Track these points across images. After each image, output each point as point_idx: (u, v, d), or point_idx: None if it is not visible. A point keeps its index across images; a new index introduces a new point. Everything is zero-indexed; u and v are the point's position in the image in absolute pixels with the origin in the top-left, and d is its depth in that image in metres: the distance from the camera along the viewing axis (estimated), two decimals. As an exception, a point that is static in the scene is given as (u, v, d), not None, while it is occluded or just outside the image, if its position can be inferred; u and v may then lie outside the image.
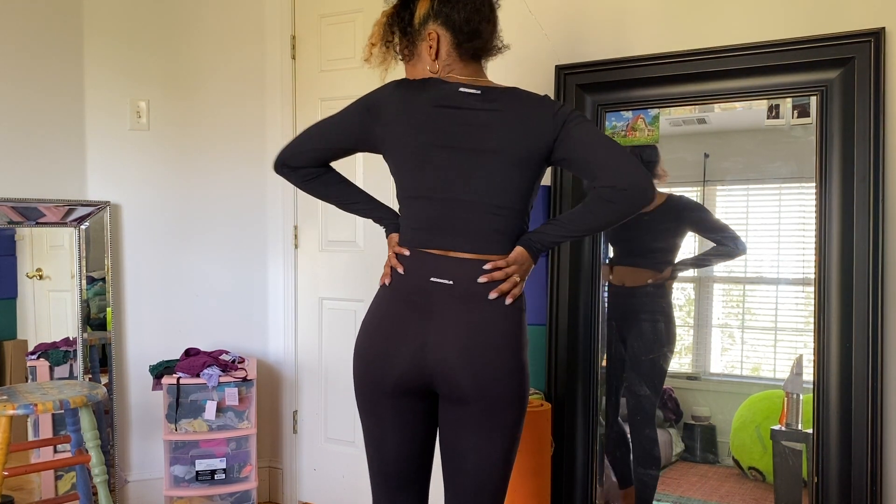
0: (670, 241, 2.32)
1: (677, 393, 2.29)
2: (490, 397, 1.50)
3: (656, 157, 2.32)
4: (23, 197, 2.78)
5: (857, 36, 2.00)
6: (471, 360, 1.49)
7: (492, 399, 1.50)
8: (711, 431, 2.25)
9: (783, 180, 2.15)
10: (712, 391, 2.25)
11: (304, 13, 3.04)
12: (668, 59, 2.24)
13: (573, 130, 1.54)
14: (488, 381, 1.50)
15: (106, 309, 2.92)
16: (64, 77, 2.88)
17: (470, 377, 1.49)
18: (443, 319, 1.51)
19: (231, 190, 3.10)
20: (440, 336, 1.51)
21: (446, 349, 1.50)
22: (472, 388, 1.50)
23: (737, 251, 2.20)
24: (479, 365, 1.49)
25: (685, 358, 2.31)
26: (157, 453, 2.94)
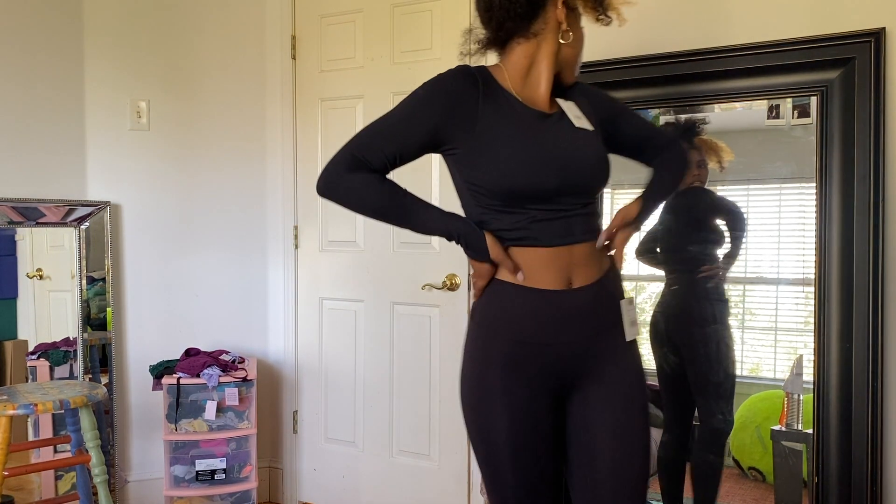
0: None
1: (677, 393, 2.29)
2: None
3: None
4: (23, 197, 2.78)
5: (857, 36, 2.00)
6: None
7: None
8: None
9: (783, 180, 2.15)
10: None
11: (304, 13, 3.04)
12: (668, 59, 2.24)
13: None
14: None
15: (106, 309, 2.92)
16: (64, 77, 2.88)
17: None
18: None
19: (231, 190, 3.10)
20: None
21: None
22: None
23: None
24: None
25: (685, 358, 2.31)
26: (158, 453, 2.94)
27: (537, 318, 1.42)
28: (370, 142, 1.45)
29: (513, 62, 1.49)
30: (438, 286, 2.75)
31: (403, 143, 1.44)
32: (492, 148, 1.40)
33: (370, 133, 1.46)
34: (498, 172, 1.39)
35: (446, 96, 1.43)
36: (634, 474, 1.45)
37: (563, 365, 1.45)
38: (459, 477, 2.75)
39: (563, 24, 1.47)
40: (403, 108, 1.46)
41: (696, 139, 2.22)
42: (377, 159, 1.44)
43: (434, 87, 1.44)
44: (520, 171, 1.39)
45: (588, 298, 1.45)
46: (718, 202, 2.23)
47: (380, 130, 1.46)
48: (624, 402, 1.46)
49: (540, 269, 1.42)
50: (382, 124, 1.46)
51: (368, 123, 1.48)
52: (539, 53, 1.48)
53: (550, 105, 1.50)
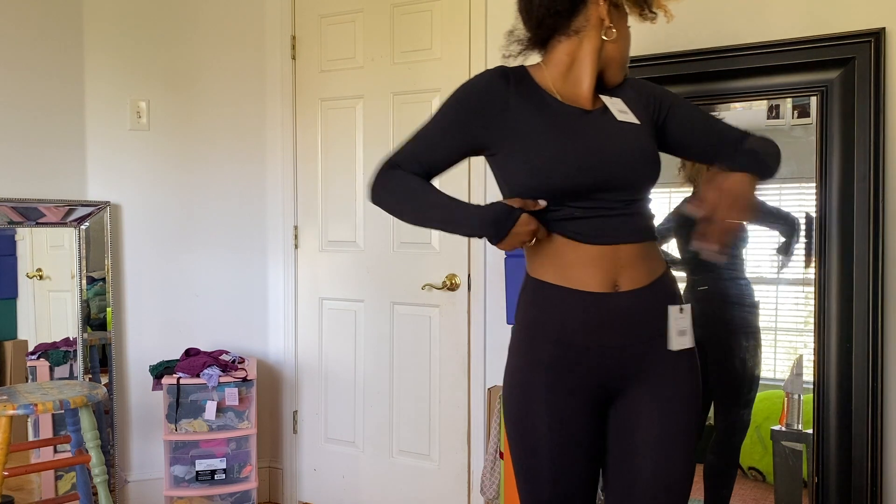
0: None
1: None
2: None
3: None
4: (23, 197, 2.78)
5: (857, 36, 2.00)
6: None
7: None
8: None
9: (783, 180, 2.15)
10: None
11: (304, 13, 3.04)
12: (668, 59, 2.24)
13: None
14: None
15: (106, 309, 2.92)
16: (64, 77, 2.88)
17: None
18: None
19: (231, 190, 3.10)
20: None
21: None
22: None
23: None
24: None
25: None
26: (158, 453, 2.94)
27: (579, 320, 1.38)
28: (411, 151, 1.47)
29: (554, 60, 1.46)
30: (438, 286, 2.75)
31: (441, 151, 1.45)
32: (525, 146, 1.38)
33: (411, 143, 1.48)
34: (532, 170, 1.37)
35: (476, 99, 1.42)
36: (671, 491, 1.40)
37: (606, 370, 1.40)
38: (459, 477, 2.75)
39: (606, 20, 1.43)
40: (439, 116, 1.46)
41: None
42: (417, 168, 1.46)
43: (463, 92, 1.44)
44: (554, 168, 1.36)
45: (635, 303, 1.39)
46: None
47: (418, 140, 1.47)
48: (666, 414, 1.40)
49: (583, 269, 1.38)
50: (421, 134, 1.48)
51: (414, 134, 1.49)
52: (581, 51, 1.45)
53: (594, 102, 1.46)
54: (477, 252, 2.66)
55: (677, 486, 1.41)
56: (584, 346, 1.39)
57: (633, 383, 1.41)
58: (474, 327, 2.68)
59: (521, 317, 1.46)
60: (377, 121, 2.87)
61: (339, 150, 2.95)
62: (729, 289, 2.20)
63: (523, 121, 1.40)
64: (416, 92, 2.79)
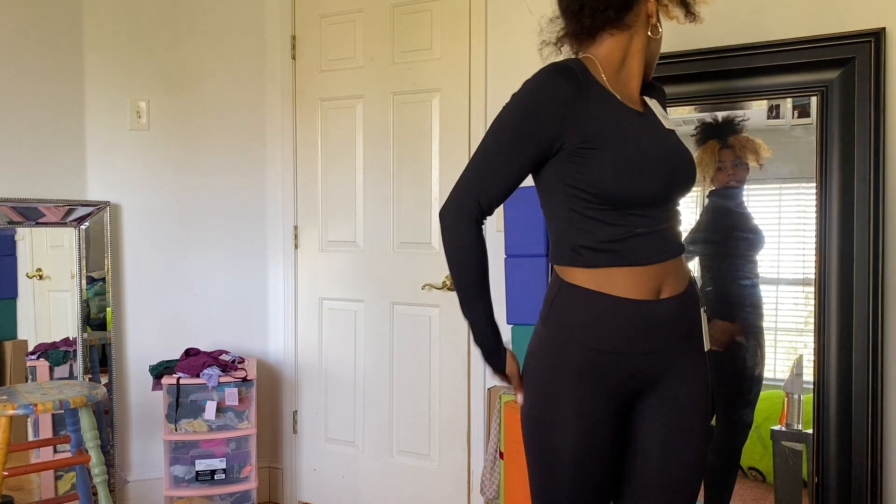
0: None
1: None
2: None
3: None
4: (23, 197, 2.78)
5: (858, 36, 2.00)
6: None
7: None
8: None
9: (783, 180, 2.15)
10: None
11: (304, 13, 3.04)
12: (668, 59, 2.24)
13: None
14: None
15: (106, 309, 2.92)
16: (64, 77, 2.88)
17: None
18: None
19: (231, 190, 3.10)
20: None
21: None
22: None
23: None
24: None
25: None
26: (157, 453, 2.94)
27: (620, 327, 1.35)
28: (491, 180, 1.35)
29: (605, 55, 1.40)
30: (438, 286, 2.75)
31: (520, 167, 1.35)
32: (599, 149, 1.31)
33: (488, 168, 1.35)
34: (605, 174, 1.30)
35: (551, 104, 1.31)
36: (683, 495, 1.42)
37: (641, 375, 1.38)
38: (459, 477, 2.75)
39: (654, 17, 1.41)
40: (512, 129, 1.34)
41: (731, 138, 2.18)
42: (498, 196, 1.37)
43: (536, 97, 1.32)
44: (629, 173, 1.30)
45: (675, 308, 1.39)
46: (746, 216, 2.20)
47: (496, 163, 1.35)
48: (685, 418, 1.41)
49: (628, 282, 1.35)
50: (496, 154, 1.35)
51: (481, 152, 1.37)
52: (632, 47, 1.41)
53: (640, 102, 1.44)
54: (477, 252, 2.66)
55: (685, 490, 1.42)
56: (627, 353, 1.35)
57: (656, 386, 1.41)
58: (474, 327, 2.68)
59: (552, 322, 1.40)
60: (377, 121, 2.87)
61: (340, 150, 2.95)
62: (732, 289, 2.20)
63: (596, 120, 1.33)
64: (416, 92, 2.79)
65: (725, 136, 2.19)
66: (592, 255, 1.35)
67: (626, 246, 1.34)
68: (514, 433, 2.18)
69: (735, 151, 2.19)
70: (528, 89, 1.33)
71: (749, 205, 2.21)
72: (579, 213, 1.35)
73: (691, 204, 2.29)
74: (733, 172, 2.20)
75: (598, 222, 1.34)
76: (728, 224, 2.22)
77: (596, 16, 1.38)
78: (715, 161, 2.21)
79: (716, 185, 2.21)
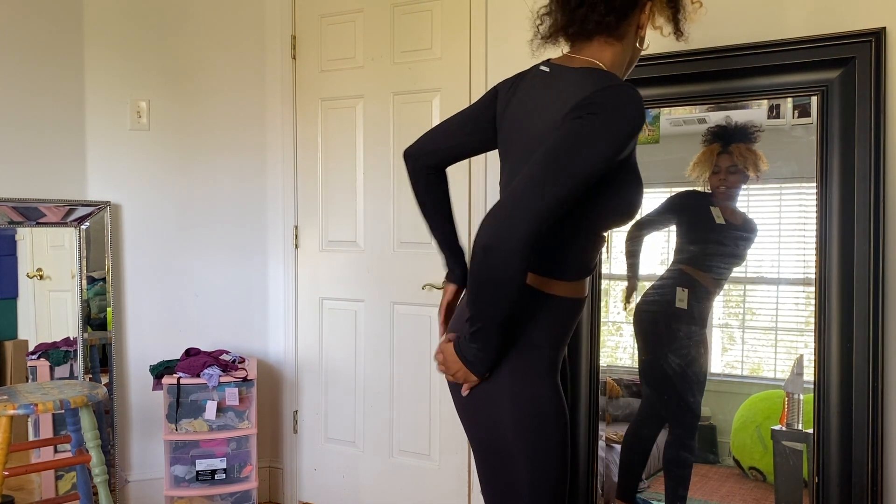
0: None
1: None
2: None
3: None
4: (23, 197, 2.78)
5: (858, 36, 2.00)
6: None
7: None
8: (712, 431, 2.25)
9: (783, 180, 2.15)
10: (713, 391, 2.25)
11: (304, 13, 3.04)
12: (668, 59, 2.24)
13: (556, 133, 1.24)
14: None
15: (106, 309, 2.92)
16: (64, 77, 2.88)
17: None
18: None
19: (231, 190, 3.10)
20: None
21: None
22: None
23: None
24: None
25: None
26: (158, 453, 2.94)
27: (573, 324, 1.46)
28: (561, 199, 1.20)
29: (611, 65, 1.38)
30: (438, 286, 2.75)
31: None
32: (631, 170, 1.34)
33: (564, 189, 1.20)
34: (636, 196, 1.35)
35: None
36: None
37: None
38: (459, 477, 2.75)
39: (643, 29, 1.40)
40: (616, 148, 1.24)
41: (732, 145, 2.19)
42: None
43: (637, 126, 1.25)
44: (641, 191, 1.37)
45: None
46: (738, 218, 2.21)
47: (570, 182, 1.21)
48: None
49: (585, 285, 1.45)
50: (571, 170, 1.20)
51: (550, 163, 1.20)
52: (627, 56, 1.42)
53: None
54: (477, 252, 2.66)
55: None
56: (561, 349, 1.45)
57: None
58: (474, 327, 2.68)
59: (544, 337, 1.38)
60: (377, 121, 2.87)
61: (340, 150, 2.95)
62: (702, 286, 2.23)
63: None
64: (417, 92, 2.79)
65: (730, 141, 2.20)
66: (578, 270, 1.41)
67: (596, 259, 1.45)
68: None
69: (732, 158, 2.20)
70: (639, 117, 1.23)
71: (749, 205, 2.21)
72: (595, 232, 1.38)
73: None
74: (725, 178, 2.21)
75: (591, 237, 1.39)
76: (703, 223, 2.24)
77: (596, 18, 1.35)
78: (711, 163, 2.22)
79: (708, 186, 2.22)
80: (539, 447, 1.37)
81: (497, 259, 1.18)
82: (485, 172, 2.65)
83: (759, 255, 2.17)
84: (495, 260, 1.18)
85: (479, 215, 2.66)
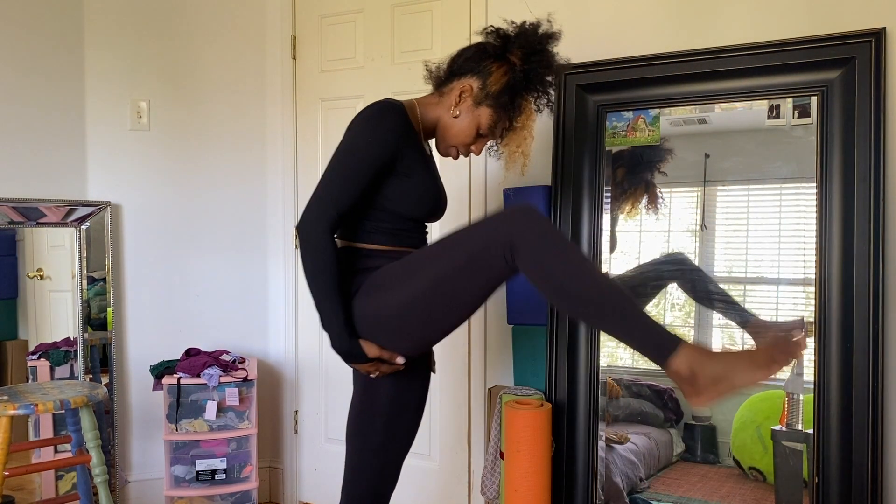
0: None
1: (678, 393, 2.29)
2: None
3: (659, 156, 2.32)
4: (23, 197, 2.78)
5: (858, 36, 2.00)
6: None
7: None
8: (712, 432, 2.25)
9: (783, 180, 2.15)
10: (713, 391, 2.25)
11: (304, 13, 3.04)
12: (668, 59, 2.24)
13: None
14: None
15: (106, 309, 2.92)
16: (64, 77, 2.88)
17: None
18: None
19: (231, 190, 3.10)
20: None
21: None
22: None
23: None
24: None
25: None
26: (158, 453, 2.94)
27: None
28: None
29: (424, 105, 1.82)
30: (439, 286, 2.75)
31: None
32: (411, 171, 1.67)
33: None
34: (420, 198, 1.67)
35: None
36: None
37: None
38: (460, 477, 2.76)
39: (455, 106, 1.69)
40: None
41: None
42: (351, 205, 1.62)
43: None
44: (428, 198, 1.69)
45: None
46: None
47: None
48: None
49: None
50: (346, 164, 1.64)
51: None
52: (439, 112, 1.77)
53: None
54: (477, 252, 2.66)
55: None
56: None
57: None
58: (474, 327, 2.68)
59: (370, 264, 1.66)
60: (377, 121, 2.87)
61: (340, 150, 2.95)
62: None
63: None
64: (417, 92, 2.78)
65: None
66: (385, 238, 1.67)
67: (405, 239, 1.70)
68: (514, 433, 2.18)
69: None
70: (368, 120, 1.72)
71: (749, 205, 2.21)
72: (377, 219, 1.69)
73: (692, 204, 2.29)
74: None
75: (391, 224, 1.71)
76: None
77: (440, 76, 1.74)
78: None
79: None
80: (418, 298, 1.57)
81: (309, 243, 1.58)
82: (485, 170, 2.65)
83: (759, 255, 2.17)
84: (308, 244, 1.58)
85: (479, 214, 2.66)
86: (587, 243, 2.37)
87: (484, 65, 1.65)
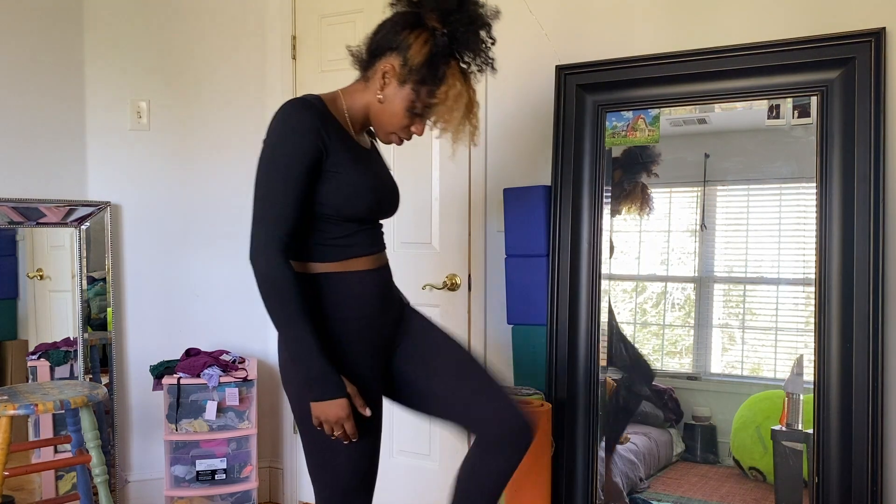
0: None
1: (678, 393, 2.29)
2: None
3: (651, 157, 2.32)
4: (23, 197, 2.78)
5: (858, 36, 2.00)
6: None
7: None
8: (712, 431, 2.25)
9: (783, 180, 2.15)
10: (713, 391, 2.25)
11: (304, 13, 3.04)
12: (668, 59, 2.24)
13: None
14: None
15: (106, 309, 2.92)
16: (64, 77, 2.88)
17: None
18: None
19: (231, 190, 3.10)
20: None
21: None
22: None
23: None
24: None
25: (685, 358, 2.31)
26: (158, 453, 2.93)
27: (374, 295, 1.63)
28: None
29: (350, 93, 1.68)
30: (438, 286, 2.75)
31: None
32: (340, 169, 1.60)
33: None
34: (353, 194, 1.57)
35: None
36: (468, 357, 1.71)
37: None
38: (460, 477, 2.75)
39: (382, 87, 1.55)
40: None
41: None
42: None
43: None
44: (364, 194, 1.58)
45: (387, 276, 1.69)
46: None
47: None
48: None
49: (366, 262, 1.62)
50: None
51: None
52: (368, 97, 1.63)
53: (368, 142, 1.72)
54: (477, 252, 2.66)
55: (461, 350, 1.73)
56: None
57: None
58: (474, 327, 2.68)
59: (328, 310, 1.63)
60: (377, 121, 2.87)
61: (340, 150, 2.95)
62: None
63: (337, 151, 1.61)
64: (417, 92, 2.78)
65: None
66: (334, 249, 1.60)
67: (354, 239, 1.63)
68: (514, 433, 2.18)
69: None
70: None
71: (749, 205, 2.21)
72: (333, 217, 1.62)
73: (692, 204, 2.29)
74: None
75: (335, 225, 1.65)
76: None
77: (362, 59, 1.60)
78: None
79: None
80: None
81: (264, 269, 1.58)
82: (485, 170, 2.65)
83: (759, 255, 2.18)
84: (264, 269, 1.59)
85: (479, 214, 2.66)
86: (587, 243, 2.37)
87: (401, 37, 1.49)
